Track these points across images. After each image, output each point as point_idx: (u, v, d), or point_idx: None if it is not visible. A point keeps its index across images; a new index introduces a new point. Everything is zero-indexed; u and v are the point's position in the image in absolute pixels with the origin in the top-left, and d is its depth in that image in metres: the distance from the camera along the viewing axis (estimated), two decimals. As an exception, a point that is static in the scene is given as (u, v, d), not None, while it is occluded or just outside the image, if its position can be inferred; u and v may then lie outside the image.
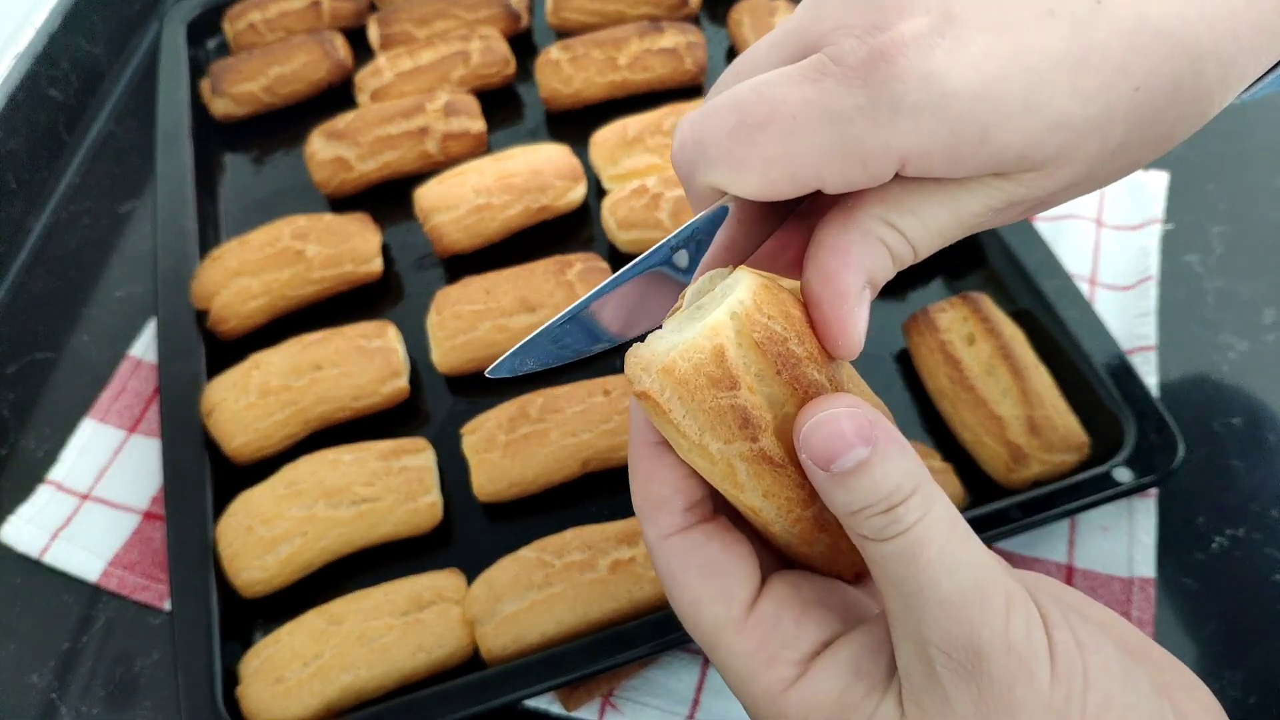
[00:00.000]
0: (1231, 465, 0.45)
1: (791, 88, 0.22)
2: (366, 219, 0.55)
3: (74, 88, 0.68)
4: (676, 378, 0.22)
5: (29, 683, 0.44)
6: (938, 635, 0.21)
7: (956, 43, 0.21)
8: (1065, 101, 0.21)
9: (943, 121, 0.21)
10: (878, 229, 0.23)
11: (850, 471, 0.21)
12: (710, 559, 0.24)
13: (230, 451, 0.47)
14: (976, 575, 0.21)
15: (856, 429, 0.22)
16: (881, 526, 0.22)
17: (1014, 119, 0.21)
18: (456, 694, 0.38)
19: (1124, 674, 0.22)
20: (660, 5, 0.65)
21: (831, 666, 0.23)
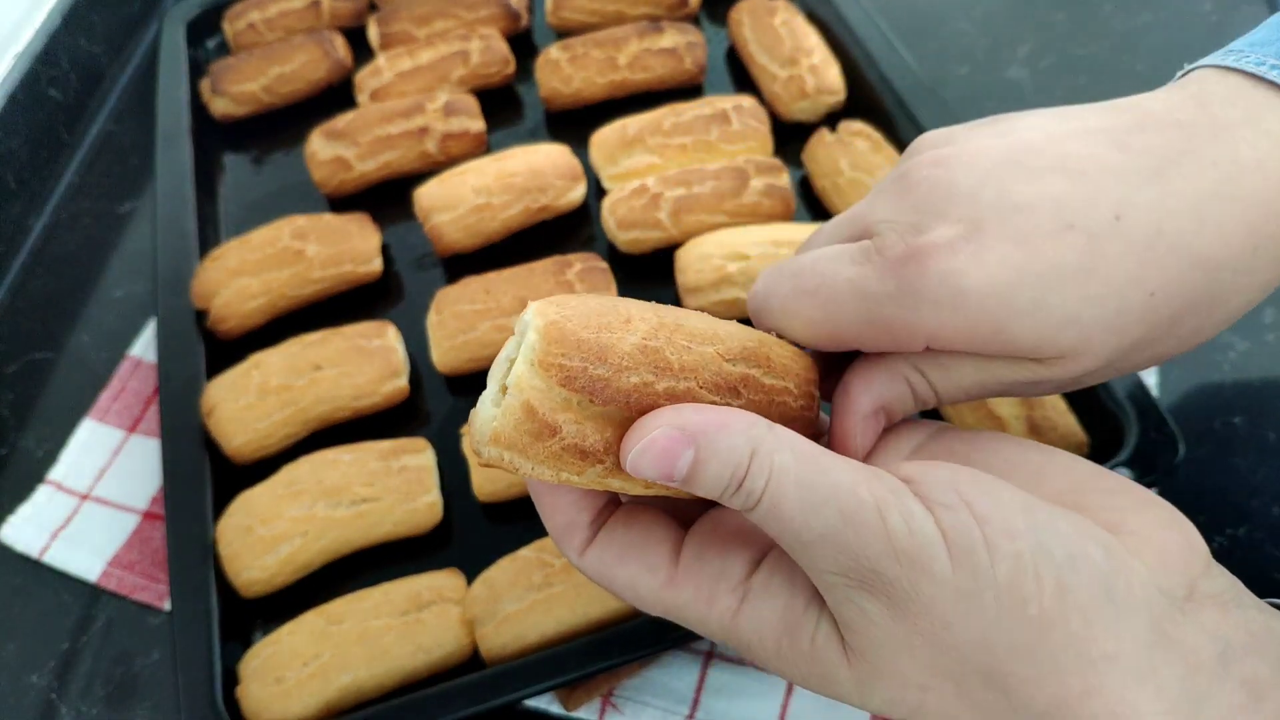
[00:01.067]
0: (1232, 464, 0.45)
1: (840, 266, 0.26)
2: (366, 219, 0.55)
3: (74, 87, 0.68)
4: (506, 443, 0.23)
5: (28, 683, 0.44)
6: (829, 565, 0.22)
7: (979, 250, 0.24)
8: (1075, 304, 0.24)
9: (959, 313, 0.24)
10: (905, 370, 0.27)
11: (691, 471, 0.23)
12: (622, 546, 0.26)
13: (230, 451, 0.47)
14: (840, 504, 0.22)
15: (672, 439, 0.23)
16: (742, 501, 0.23)
17: (1024, 316, 0.24)
18: (456, 694, 0.38)
19: (1031, 524, 0.22)
20: (660, 5, 0.65)
21: (767, 587, 0.25)
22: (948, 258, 0.24)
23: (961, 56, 0.63)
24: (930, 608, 0.21)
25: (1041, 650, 0.21)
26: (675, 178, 0.53)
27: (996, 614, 0.21)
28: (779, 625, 0.24)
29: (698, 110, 0.56)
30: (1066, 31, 0.63)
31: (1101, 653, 0.21)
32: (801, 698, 0.40)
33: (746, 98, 0.57)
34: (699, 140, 0.55)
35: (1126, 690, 0.21)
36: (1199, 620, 0.23)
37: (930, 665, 0.22)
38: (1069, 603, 0.21)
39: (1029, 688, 0.21)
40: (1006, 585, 0.21)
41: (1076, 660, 0.21)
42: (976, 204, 0.24)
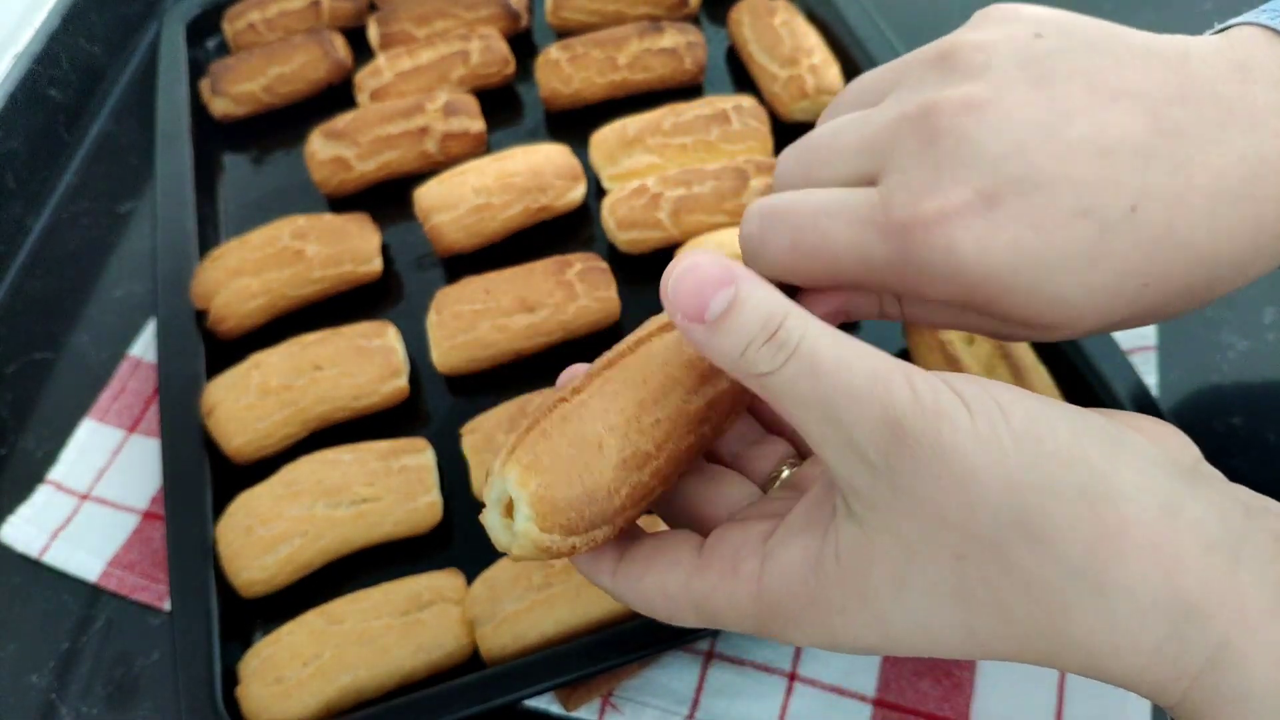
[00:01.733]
0: (1232, 465, 0.45)
1: (842, 228, 0.26)
2: (366, 219, 0.55)
3: (73, 87, 0.68)
4: (529, 559, 0.25)
5: (28, 683, 0.44)
6: (860, 428, 0.22)
7: (990, 227, 0.24)
8: (1073, 289, 0.24)
9: (957, 286, 0.25)
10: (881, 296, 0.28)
11: (726, 312, 0.23)
12: (648, 553, 0.26)
13: (230, 451, 0.47)
14: (872, 364, 0.22)
15: (719, 271, 0.23)
16: (772, 355, 0.23)
17: (1018, 296, 0.24)
18: (456, 694, 0.38)
19: (1037, 396, 0.23)
20: (660, 5, 0.65)
21: (786, 535, 0.24)
22: (955, 228, 0.24)
23: (961, 56, 0.63)
24: (955, 456, 0.21)
25: (1068, 483, 0.21)
26: (675, 178, 0.53)
27: (1016, 453, 0.21)
28: (805, 562, 0.24)
29: (698, 110, 0.56)
30: (1066, 31, 0.63)
31: (1130, 484, 0.21)
32: (801, 698, 0.40)
33: (746, 98, 0.57)
34: (699, 140, 0.55)
35: (1162, 522, 0.21)
36: (1212, 486, 0.22)
37: (962, 527, 0.21)
38: (1084, 443, 0.21)
39: (1064, 529, 0.21)
40: (1022, 429, 0.21)
41: (1106, 491, 0.21)
42: (998, 175, 0.24)
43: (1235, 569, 0.21)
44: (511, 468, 0.24)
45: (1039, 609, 0.21)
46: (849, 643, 0.24)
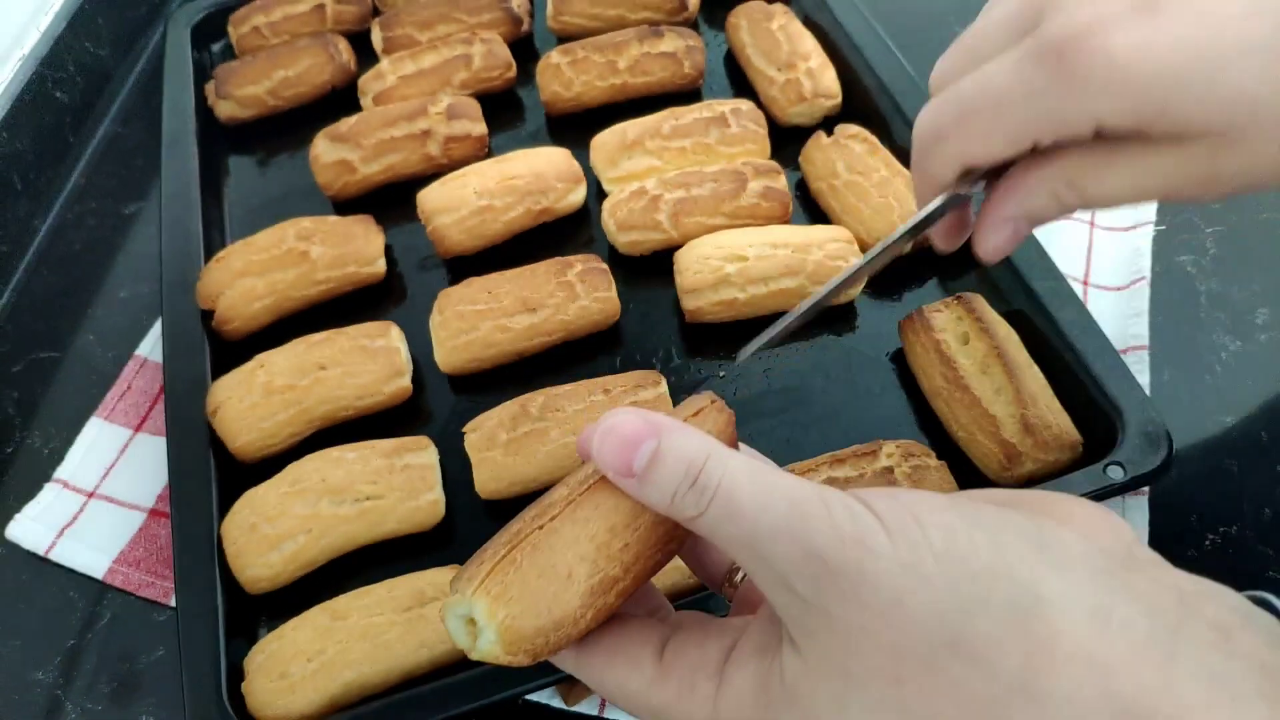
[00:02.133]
0: (1224, 464, 0.46)
1: (1002, 75, 0.27)
2: (370, 221, 0.55)
3: (79, 90, 0.68)
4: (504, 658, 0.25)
5: (34, 679, 0.44)
6: (784, 564, 0.22)
7: (1149, 30, 0.24)
8: (1250, 81, 0.24)
9: (1124, 99, 0.25)
10: (1053, 183, 0.28)
11: (649, 465, 0.24)
12: (609, 648, 0.26)
13: (235, 450, 0.47)
14: (790, 496, 0.23)
15: (640, 427, 0.24)
16: (696, 500, 0.24)
17: (1195, 93, 0.24)
18: (458, 689, 0.38)
19: (955, 506, 0.23)
20: (659, 10, 0.65)
21: (738, 661, 0.25)
22: (1113, 34, 0.24)
23: (958, 61, 0.63)
24: (879, 583, 0.21)
25: (994, 601, 0.21)
26: (674, 180, 0.54)
27: (940, 576, 0.21)
28: (755, 687, 0.24)
29: (696, 114, 0.57)
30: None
31: (1056, 592, 0.21)
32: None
33: (744, 101, 0.58)
34: (698, 143, 0.56)
35: (1093, 629, 0.21)
36: (1146, 573, 0.22)
37: (896, 651, 0.22)
38: (1007, 555, 0.21)
39: (994, 645, 0.21)
40: (943, 549, 0.22)
41: (1033, 604, 0.21)
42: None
43: (1171, 665, 0.20)
44: (480, 598, 0.24)
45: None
46: None
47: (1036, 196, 0.28)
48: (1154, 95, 0.24)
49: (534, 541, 0.25)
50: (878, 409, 0.48)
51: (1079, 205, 0.28)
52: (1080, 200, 0.28)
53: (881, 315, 0.52)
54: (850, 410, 0.48)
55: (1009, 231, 0.29)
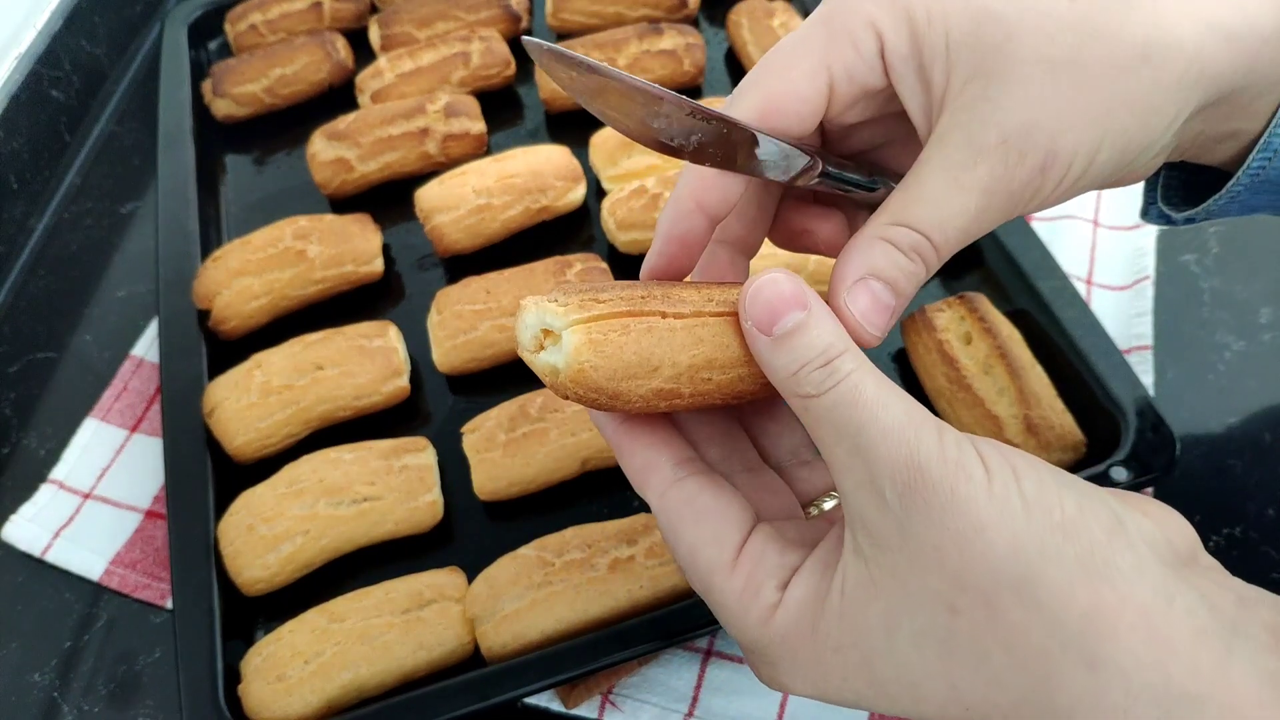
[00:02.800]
0: (1228, 464, 0.45)
1: (805, 22, 0.28)
2: (367, 219, 0.55)
3: (76, 88, 0.68)
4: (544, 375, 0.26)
5: (31, 681, 0.44)
6: (883, 464, 0.23)
7: None
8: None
9: (909, 8, 0.26)
10: (879, 231, 0.27)
11: (791, 331, 0.24)
12: (702, 507, 0.26)
13: (232, 450, 0.47)
14: (909, 410, 0.23)
15: (795, 292, 0.24)
16: (821, 380, 0.24)
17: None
18: (457, 691, 0.38)
19: (1050, 469, 0.24)
20: (659, 7, 0.65)
21: (803, 576, 0.25)
22: None
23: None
24: (966, 509, 0.22)
25: (1069, 553, 0.21)
26: (674, 178, 0.53)
27: (1024, 518, 0.22)
28: (813, 600, 0.24)
29: (697, 112, 0.56)
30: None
31: (1128, 564, 0.21)
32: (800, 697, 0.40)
33: (746, 99, 0.57)
34: (698, 141, 0.56)
35: (1158, 603, 0.21)
36: (1208, 576, 0.23)
37: (961, 579, 0.22)
38: (1089, 518, 0.22)
39: (1061, 596, 0.21)
40: (1033, 495, 0.22)
41: (1105, 567, 0.21)
42: None
43: (1227, 658, 0.21)
44: (578, 333, 0.24)
45: (1025, 674, 0.22)
46: (837, 684, 0.24)
47: (872, 247, 0.27)
48: (925, 6, 0.25)
49: (651, 324, 0.25)
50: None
51: (914, 241, 0.26)
52: (909, 235, 0.26)
53: (883, 314, 0.51)
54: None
55: (867, 294, 0.26)
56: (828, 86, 0.27)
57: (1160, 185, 0.34)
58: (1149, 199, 0.35)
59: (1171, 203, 0.34)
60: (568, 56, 0.24)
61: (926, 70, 0.26)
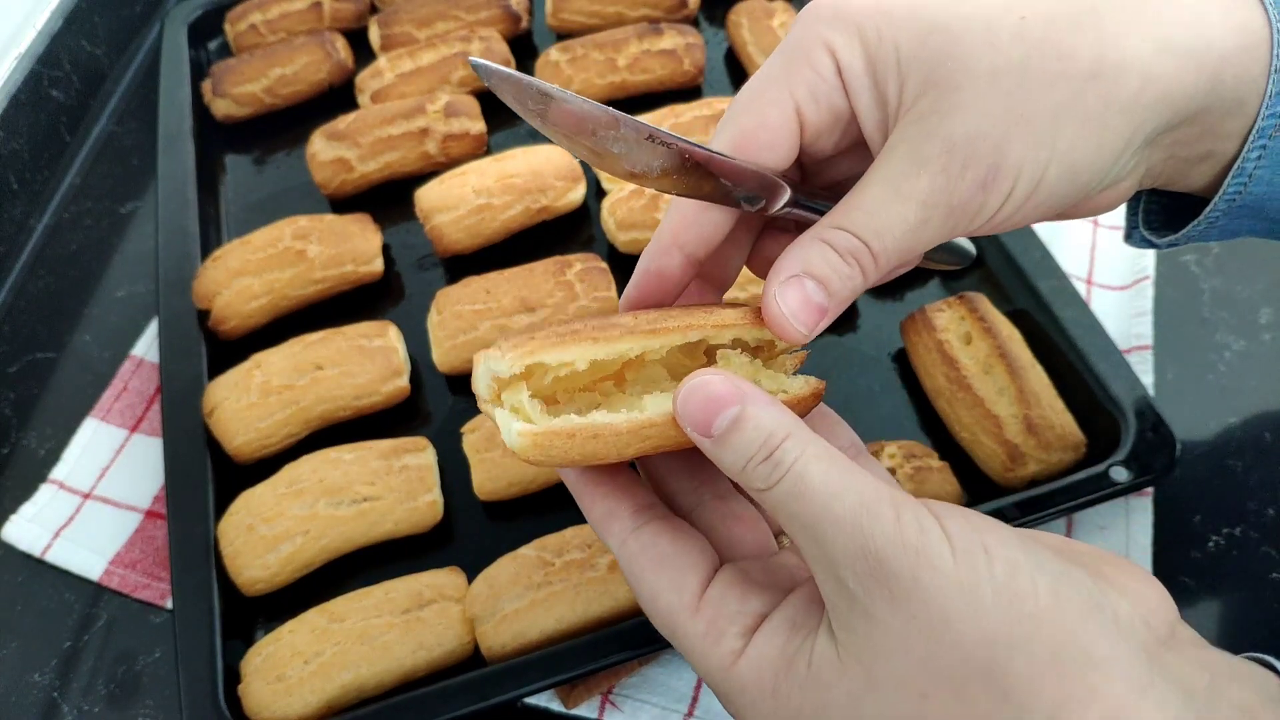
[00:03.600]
0: (1228, 464, 0.45)
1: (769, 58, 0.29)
2: (367, 219, 0.55)
3: (75, 89, 0.68)
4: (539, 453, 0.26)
5: (30, 681, 0.44)
6: (840, 554, 0.23)
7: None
8: (943, 7, 0.26)
9: (849, 16, 0.26)
10: (819, 233, 0.27)
11: (728, 429, 0.24)
12: (660, 554, 0.26)
13: (231, 451, 0.47)
14: (861, 492, 0.23)
15: (727, 390, 0.24)
16: (767, 473, 0.24)
17: (899, 14, 0.26)
18: (457, 691, 0.38)
19: (1024, 544, 0.23)
20: (659, 7, 0.65)
21: (770, 628, 0.25)
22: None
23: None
24: (931, 599, 0.22)
25: (1039, 646, 0.21)
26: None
27: (994, 608, 0.21)
28: (778, 660, 0.24)
29: (697, 111, 0.56)
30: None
31: (1101, 655, 0.21)
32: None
33: (746, 99, 0.57)
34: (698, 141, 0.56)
35: (1130, 697, 0.21)
36: (1183, 654, 0.23)
37: (929, 667, 0.22)
38: (1064, 606, 0.22)
39: (1030, 687, 0.21)
40: (1004, 582, 0.22)
41: (1076, 660, 0.21)
42: None
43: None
44: (525, 438, 0.25)
45: None
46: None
47: (810, 247, 0.27)
48: (870, 13, 0.26)
49: (597, 430, 0.25)
50: (879, 409, 0.48)
51: (848, 248, 0.26)
52: (848, 240, 0.26)
53: (883, 315, 0.51)
54: (851, 410, 0.48)
55: (799, 290, 0.26)
56: (795, 113, 0.27)
57: (1141, 209, 0.34)
58: (1131, 223, 0.35)
59: (1153, 227, 0.34)
60: (515, 79, 0.24)
61: (880, 86, 0.27)
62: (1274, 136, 0.27)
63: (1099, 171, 0.26)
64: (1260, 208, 0.29)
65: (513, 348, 0.25)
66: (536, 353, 0.25)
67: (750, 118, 0.27)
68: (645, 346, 0.27)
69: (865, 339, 0.51)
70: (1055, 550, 0.24)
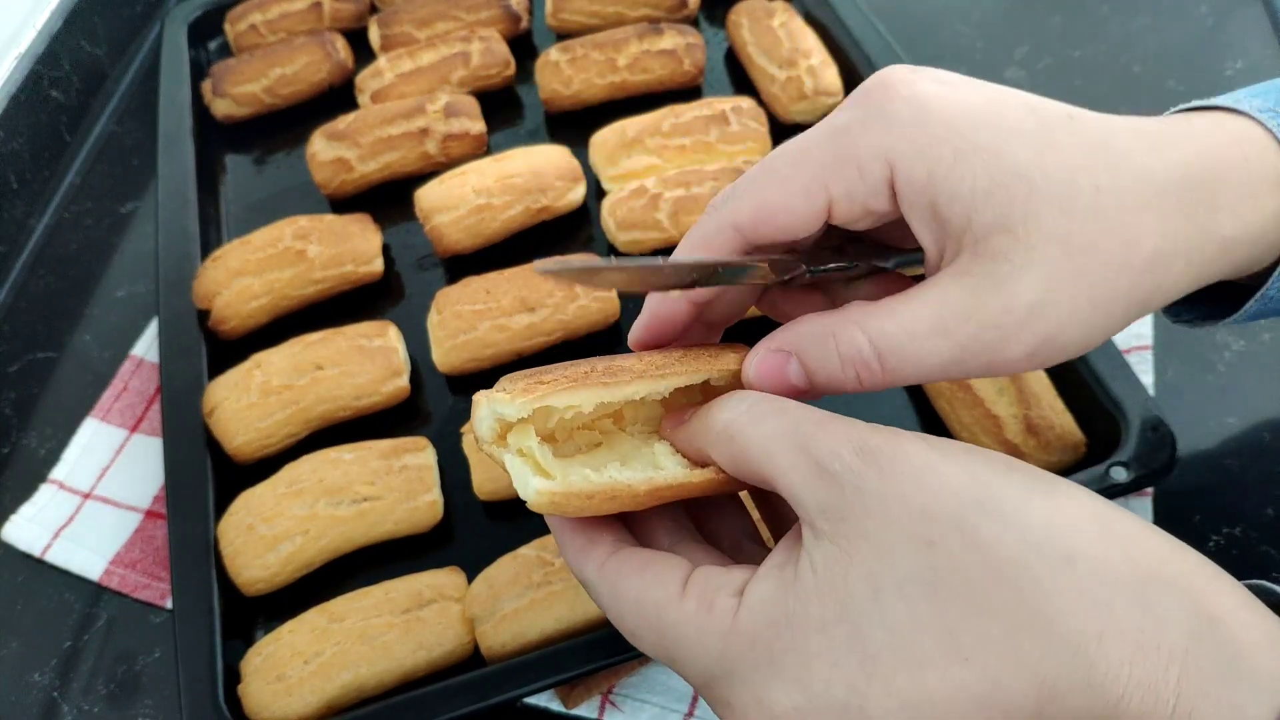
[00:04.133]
0: (1227, 464, 0.45)
1: (814, 128, 0.28)
2: (367, 219, 0.55)
3: (76, 89, 0.68)
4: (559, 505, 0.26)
5: (31, 681, 0.44)
6: (826, 449, 0.24)
7: (952, 88, 0.26)
8: (1027, 153, 0.25)
9: (919, 130, 0.26)
10: (837, 324, 0.27)
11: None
12: (642, 560, 0.26)
13: (231, 450, 0.47)
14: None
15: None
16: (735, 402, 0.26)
17: (982, 140, 0.25)
18: (457, 691, 0.38)
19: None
20: (659, 7, 0.65)
21: (759, 576, 0.24)
22: (922, 82, 0.26)
23: (959, 58, 0.63)
24: (913, 455, 0.24)
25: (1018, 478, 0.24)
26: (674, 178, 0.53)
27: (969, 454, 0.24)
28: (778, 591, 0.24)
29: (697, 111, 0.57)
30: (1063, 33, 0.64)
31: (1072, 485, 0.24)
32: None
33: (745, 99, 0.58)
34: (698, 141, 0.56)
35: (1105, 510, 0.23)
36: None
37: (928, 511, 0.23)
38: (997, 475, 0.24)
39: (1021, 507, 0.23)
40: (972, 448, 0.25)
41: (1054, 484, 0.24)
42: None
43: (1184, 551, 0.23)
44: (544, 496, 0.25)
45: (1010, 586, 0.22)
46: (824, 674, 0.23)
47: (824, 337, 0.26)
48: (945, 135, 0.25)
49: (616, 492, 0.26)
50: (879, 409, 0.48)
51: (856, 357, 0.26)
52: (861, 350, 0.26)
53: (883, 314, 0.51)
54: (851, 410, 0.47)
55: (776, 363, 0.27)
56: (825, 206, 0.27)
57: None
58: (1170, 312, 0.35)
59: (1175, 311, 0.35)
60: (575, 270, 0.26)
61: (943, 208, 0.26)
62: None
63: (1110, 334, 0.27)
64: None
65: (522, 391, 0.25)
66: (547, 397, 0.26)
67: (777, 195, 0.27)
68: (651, 390, 0.27)
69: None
70: None
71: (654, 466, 0.27)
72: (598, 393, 0.26)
